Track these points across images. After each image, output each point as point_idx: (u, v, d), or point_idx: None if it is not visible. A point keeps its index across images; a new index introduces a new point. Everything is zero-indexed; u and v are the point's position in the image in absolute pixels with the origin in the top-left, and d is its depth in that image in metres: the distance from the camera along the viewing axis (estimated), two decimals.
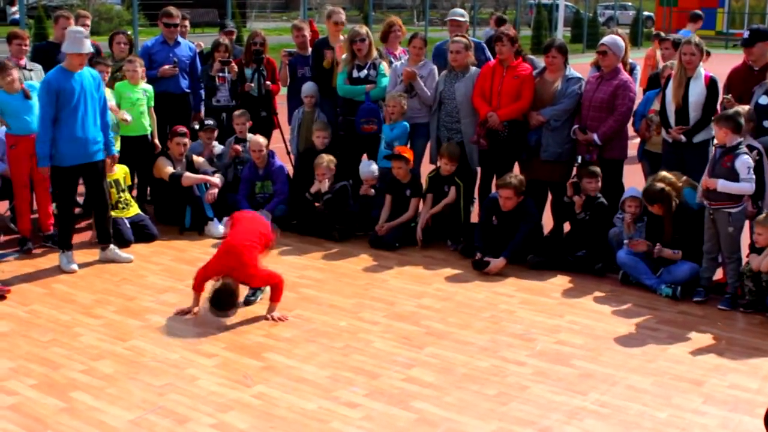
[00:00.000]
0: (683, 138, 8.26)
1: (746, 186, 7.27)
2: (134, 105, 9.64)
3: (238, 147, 10.03)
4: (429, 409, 5.59)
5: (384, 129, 9.48)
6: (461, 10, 10.62)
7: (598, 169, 8.48)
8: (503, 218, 8.50)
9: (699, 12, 15.71)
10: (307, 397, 5.75)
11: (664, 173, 7.93)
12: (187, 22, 11.32)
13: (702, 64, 8.38)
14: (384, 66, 9.74)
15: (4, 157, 8.95)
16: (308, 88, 10.15)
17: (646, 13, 44.41)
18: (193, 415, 5.46)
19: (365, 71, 9.68)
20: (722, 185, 7.28)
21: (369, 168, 9.54)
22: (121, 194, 9.25)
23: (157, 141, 10.04)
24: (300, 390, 5.84)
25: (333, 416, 5.50)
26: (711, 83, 8.29)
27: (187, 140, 9.68)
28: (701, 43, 8.33)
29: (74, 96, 7.93)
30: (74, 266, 8.22)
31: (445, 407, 5.63)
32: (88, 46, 8.03)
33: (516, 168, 9.17)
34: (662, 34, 13.21)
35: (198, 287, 7.14)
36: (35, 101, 8.34)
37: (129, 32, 10.85)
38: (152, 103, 9.92)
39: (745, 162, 7.24)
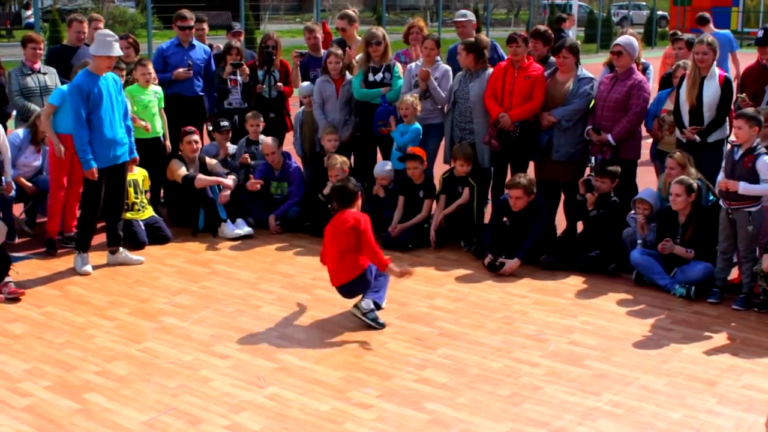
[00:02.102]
0: (697, 138, 8.24)
1: (765, 187, 7.23)
2: (146, 107, 9.65)
3: (247, 156, 10.05)
4: (442, 410, 5.59)
5: (395, 135, 9.48)
6: (464, 11, 10.70)
7: (618, 169, 8.45)
8: (515, 219, 8.49)
9: (705, 15, 15.60)
10: (320, 398, 5.75)
11: (677, 154, 8.03)
12: (205, 25, 11.35)
13: (716, 64, 8.36)
14: (399, 68, 9.75)
15: (17, 162, 8.99)
16: (306, 88, 10.17)
17: (660, 12, 44.29)
18: (206, 416, 5.48)
19: (380, 74, 9.69)
20: (744, 188, 7.22)
21: (384, 168, 9.55)
22: (139, 196, 9.29)
23: (168, 143, 10.07)
24: (313, 391, 5.85)
25: (346, 417, 5.50)
26: (725, 83, 8.25)
27: (197, 138, 9.71)
28: (714, 42, 8.30)
29: (102, 99, 8.02)
30: (89, 268, 8.26)
31: (457, 408, 5.63)
32: (117, 50, 8.09)
33: (531, 168, 9.17)
34: (679, 33, 13.16)
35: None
36: None
37: (132, 35, 10.85)
38: (162, 105, 9.95)
39: (766, 162, 7.20)
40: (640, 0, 52.43)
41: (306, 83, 10.27)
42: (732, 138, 7.51)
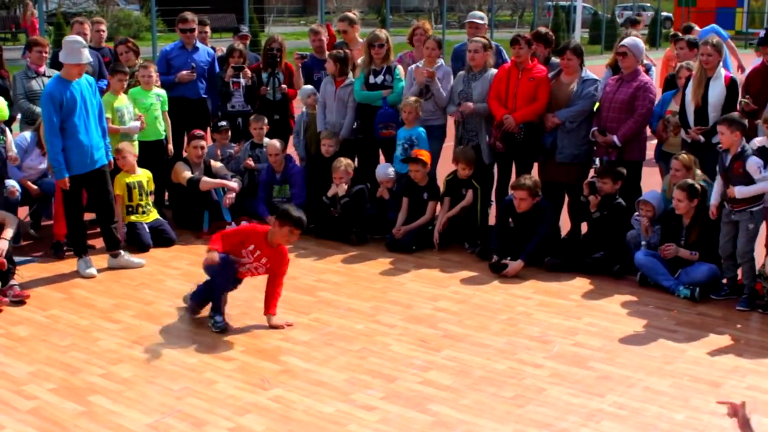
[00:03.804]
0: (702, 138, 8.24)
1: (764, 185, 7.25)
2: (148, 110, 9.67)
3: (251, 162, 10.05)
4: (446, 412, 5.60)
5: (400, 132, 9.48)
6: (480, 13, 10.61)
7: (623, 170, 8.45)
8: (519, 220, 8.49)
9: (690, 24, 15.47)
10: (324, 400, 5.76)
11: (683, 155, 8.08)
12: (207, 28, 11.36)
13: (722, 65, 8.37)
14: (399, 70, 9.75)
15: (22, 165, 9.01)
16: (306, 90, 10.19)
17: (664, 13, 44.20)
18: (210, 419, 5.49)
19: (381, 76, 9.69)
20: (740, 191, 7.26)
21: (385, 170, 9.56)
22: (144, 198, 9.28)
23: (170, 146, 10.08)
24: (317, 393, 5.86)
25: (350, 419, 5.51)
26: (731, 83, 8.27)
27: (204, 143, 9.73)
28: (719, 43, 8.32)
29: (76, 105, 7.96)
30: (93, 270, 8.27)
31: (461, 410, 5.63)
32: (86, 56, 8.05)
33: (535, 170, 9.17)
34: (679, 34, 13.13)
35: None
36: None
37: (136, 38, 10.88)
38: (166, 108, 9.97)
39: (754, 163, 7.23)
40: (644, 1, 52.38)
41: (307, 86, 10.27)
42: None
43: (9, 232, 7.56)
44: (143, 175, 9.37)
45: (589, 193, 8.52)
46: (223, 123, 10.18)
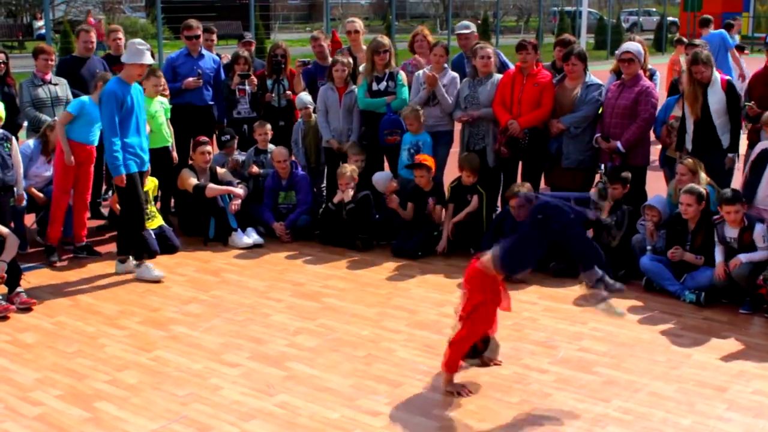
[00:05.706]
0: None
1: (765, 253, 7.38)
2: (153, 117, 9.67)
3: (256, 169, 10.07)
4: (451, 417, 5.60)
5: (406, 137, 9.49)
6: (466, 22, 10.69)
7: (629, 175, 8.45)
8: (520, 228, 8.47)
9: (707, 17, 15.49)
10: (329, 406, 5.76)
11: (688, 159, 8.11)
12: (214, 36, 11.38)
13: (714, 69, 8.38)
14: (402, 76, 9.77)
15: (28, 172, 9.04)
16: (302, 100, 10.19)
17: (670, 18, 44.19)
18: (215, 425, 5.49)
19: (384, 83, 9.70)
20: (747, 258, 7.35)
21: (384, 180, 9.54)
22: (148, 205, 9.30)
23: (175, 154, 10.10)
24: (323, 399, 5.86)
25: (355, 425, 5.51)
26: (728, 86, 8.26)
27: (210, 148, 9.74)
28: (708, 56, 8.29)
29: (133, 107, 8.10)
30: (159, 273, 8.35)
31: (467, 415, 5.63)
32: (148, 58, 8.18)
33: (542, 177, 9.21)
34: (684, 39, 13.13)
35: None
36: None
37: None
38: (169, 116, 9.99)
39: (760, 232, 7.36)
40: (650, 6, 52.37)
41: (302, 94, 10.27)
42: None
43: (7, 255, 7.55)
44: (150, 183, 9.38)
45: (599, 200, 8.51)
46: (227, 136, 10.19)
